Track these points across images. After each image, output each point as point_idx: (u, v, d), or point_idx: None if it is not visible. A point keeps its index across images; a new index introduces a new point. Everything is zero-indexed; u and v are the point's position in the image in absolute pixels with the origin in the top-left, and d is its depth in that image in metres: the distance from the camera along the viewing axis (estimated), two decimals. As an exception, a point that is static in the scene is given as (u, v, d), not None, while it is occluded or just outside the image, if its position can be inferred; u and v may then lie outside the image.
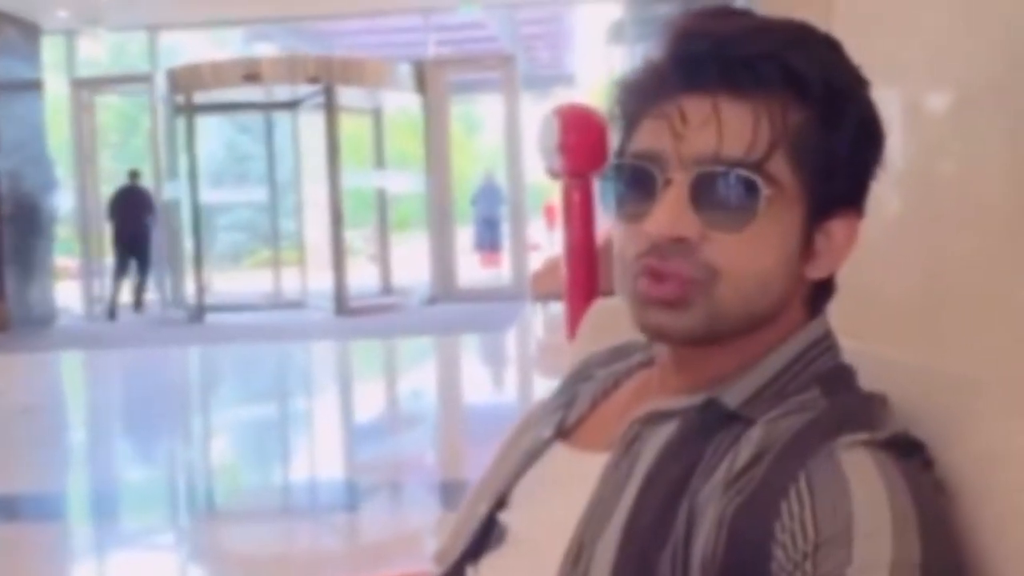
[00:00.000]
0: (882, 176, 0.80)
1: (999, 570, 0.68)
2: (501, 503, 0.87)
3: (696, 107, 0.74)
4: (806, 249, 0.77)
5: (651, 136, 0.76)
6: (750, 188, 0.73)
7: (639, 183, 0.76)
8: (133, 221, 10.85)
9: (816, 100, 0.74)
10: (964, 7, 1.48)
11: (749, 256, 0.74)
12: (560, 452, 0.86)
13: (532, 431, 0.92)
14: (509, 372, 7.49)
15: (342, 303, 10.08)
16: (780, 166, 0.74)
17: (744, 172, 0.73)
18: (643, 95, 0.78)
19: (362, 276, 11.77)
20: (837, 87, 0.75)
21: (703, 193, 0.73)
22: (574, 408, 0.90)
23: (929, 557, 0.63)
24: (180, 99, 10.51)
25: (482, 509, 0.88)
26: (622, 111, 0.81)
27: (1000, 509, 0.70)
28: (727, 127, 0.73)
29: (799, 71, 0.74)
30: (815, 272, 0.78)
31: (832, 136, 0.75)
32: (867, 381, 0.78)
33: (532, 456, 0.87)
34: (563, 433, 0.88)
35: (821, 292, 0.80)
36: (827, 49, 0.76)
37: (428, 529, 3.28)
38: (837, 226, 0.78)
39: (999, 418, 0.75)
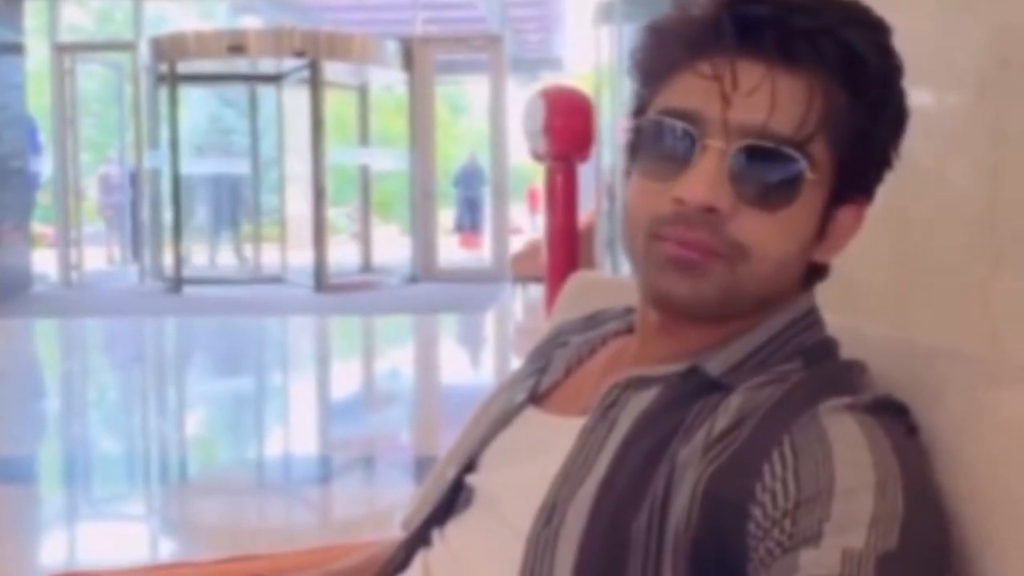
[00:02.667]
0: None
1: (971, 533, 0.68)
2: (470, 467, 0.86)
3: (749, 72, 0.70)
4: (819, 233, 0.75)
5: (693, 94, 0.72)
6: (795, 170, 0.70)
7: (672, 142, 0.72)
8: None
9: (867, 85, 0.71)
10: (949, 6, 1.48)
11: (777, 239, 0.72)
12: (532, 416, 0.86)
13: (504, 396, 0.91)
14: (486, 352, 7.49)
15: (322, 279, 10.03)
16: (820, 148, 0.71)
17: (792, 152, 0.70)
18: (686, 47, 0.73)
19: (343, 253, 11.71)
20: (887, 74, 0.73)
21: (744, 166, 0.70)
22: (548, 374, 0.89)
23: (911, 516, 0.62)
24: (163, 68, 10.36)
25: (450, 473, 0.87)
26: (653, 57, 0.76)
27: (974, 473, 0.70)
28: (780, 100, 0.69)
29: (858, 52, 0.70)
30: (821, 256, 0.77)
31: (873, 124, 0.73)
32: (846, 352, 0.78)
33: (503, 421, 0.87)
34: (536, 398, 0.87)
35: (815, 271, 0.79)
36: (882, 33, 0.73)
37: (400, 504, 3.27)
38: (847, 211, 0.76)
39: (973, 387, 0.76)
